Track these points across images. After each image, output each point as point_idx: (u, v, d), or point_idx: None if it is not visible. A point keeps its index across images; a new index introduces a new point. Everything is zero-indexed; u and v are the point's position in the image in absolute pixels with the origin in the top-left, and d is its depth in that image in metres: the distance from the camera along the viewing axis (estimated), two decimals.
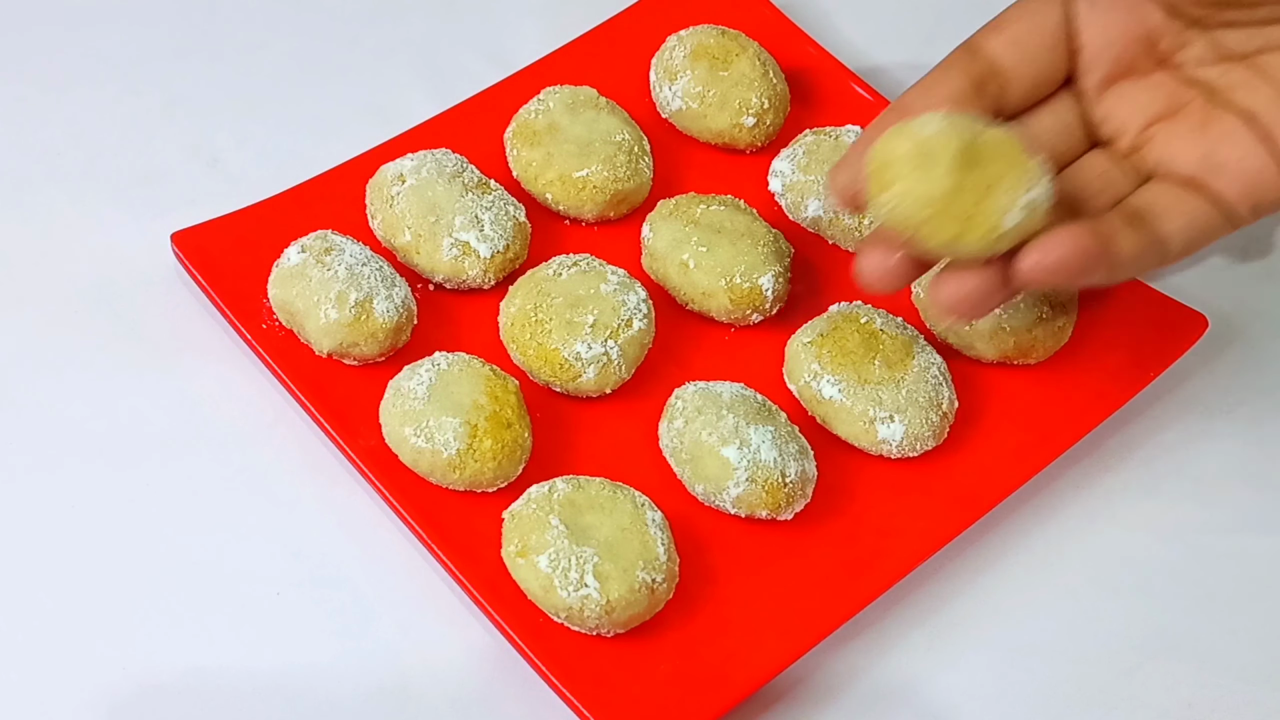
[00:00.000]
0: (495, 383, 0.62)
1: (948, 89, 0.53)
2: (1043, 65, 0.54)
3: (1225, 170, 0.52)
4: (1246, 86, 0.53)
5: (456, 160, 0.68)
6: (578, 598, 0.57)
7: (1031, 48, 0.54)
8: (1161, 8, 0.54)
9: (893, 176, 0.49)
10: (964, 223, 0.49)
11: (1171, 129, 0.54)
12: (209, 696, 0.58)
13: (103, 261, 0.69)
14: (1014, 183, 0.49)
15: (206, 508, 0.63)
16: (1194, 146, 0.53)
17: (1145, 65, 0.55)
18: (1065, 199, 0.54)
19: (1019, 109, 0.55)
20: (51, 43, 0.78)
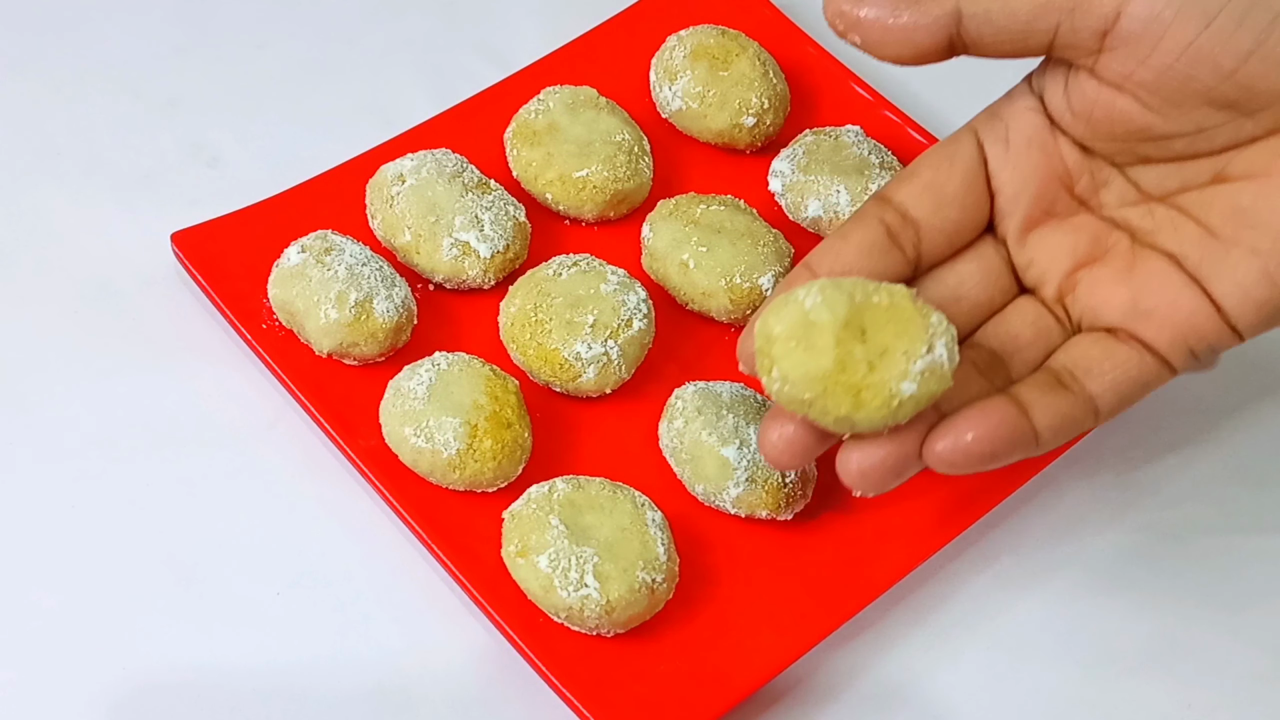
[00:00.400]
0: (495, 383, 0.62)
1: (860, 242, 0.50)
2: (957, 212, 0.51)
3: (1154, 316, 0.50)
4: (1170, 227, 0.50)
5: (456, 160, 0.68)
6: (578, 598, 0.57)
7: (944, 195, 0.51)
8: (1075, 147, 0.51)
9: (775, 355, 0.46)
10: (856, 396, 0.46)
11: (1096, 274, 0.51)
12: (209, 696, 0.58)
13: (102, 261, 0.69)
14: (909, 346, 0.46)
15: (206, 507, 0.63)
16: (1120, 292, 0.50)
17: (1065, 207, 0.52)
18: (995, 353, 0.52)
19: (940, 258, 0.52)
20: (51, 42, 0.78)
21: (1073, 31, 0.48)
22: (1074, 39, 0.48)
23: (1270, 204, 0.48)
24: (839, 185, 0.69)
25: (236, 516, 0.63)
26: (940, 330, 0.47)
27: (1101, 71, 0.48)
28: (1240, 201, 0.48)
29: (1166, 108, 0.48)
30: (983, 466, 0.48)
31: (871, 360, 0.46)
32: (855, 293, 0.46)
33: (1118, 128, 0.50)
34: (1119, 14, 0.47)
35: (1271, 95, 0.47)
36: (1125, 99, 0.49)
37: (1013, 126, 0.51)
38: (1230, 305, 0.48)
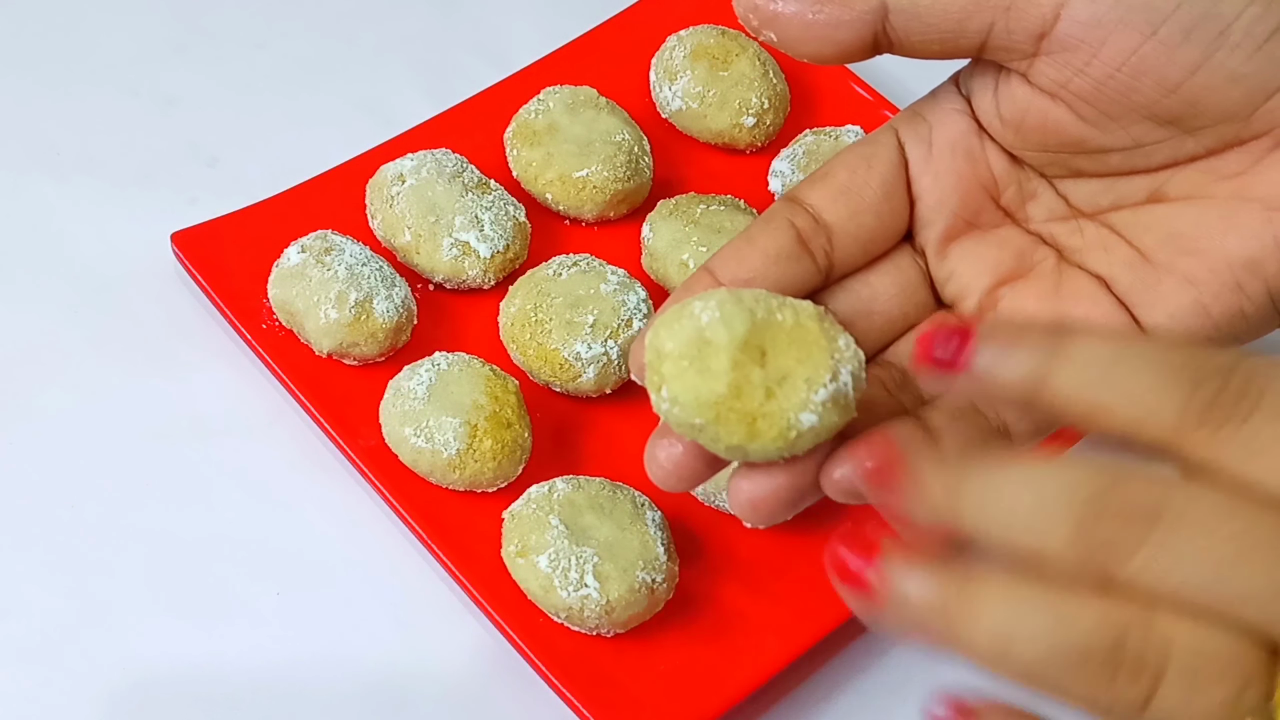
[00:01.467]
0: (495, 383, 0.62)
1: (767, 247, 0.45)
2: (873, 219, 0.47)
3: None
4: (1101, 248, 0.47)
5: (456, 160, 0.68)
6: (577, 598, 0.57)
7: (861, 200, 0.46)
8: (1003, 155, 0.47)
9: (665, 374, 0.42)
10: (750, 426, 0.42)
11: (1020, 292, 0.47)
12: (209, 696, 0.58)
13: (102, 261, 0.69)
14: (812, 372, 0.42)
15: (206, 507, 0.63)
16: (1043, 314, 0.46)
17: (990, 219, 0.48)
18: (907, 371, 0.47)
19: (853, 267, 0.47)
20: (51, 42, 0.78)
21: (1007, 33, 0.44)
22: (1008, 40, 0.44)
23: (1208, 230, 0.44)
24: None
25: (236, 516, 0.63)
26: (847, 356, 0.43)
27: (1035, 78, 0.45)
28: (1177, 225, 0.45)
29: (1104, 120, 0.44)
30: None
31: (770, 386, 0.42)
32: (756, 309, 0.42)
33: (1050, 138, 0.46)
34: (1058, 16, 0.43)
35: (1216, 113, 0.43)
36: (1059, 108, 0.45)
37: (936, 129, 0.47)
38: (1161, 333, 0.45)
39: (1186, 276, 0.45)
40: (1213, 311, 0.45)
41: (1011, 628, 0.34)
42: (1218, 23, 0.42)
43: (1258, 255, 0.44)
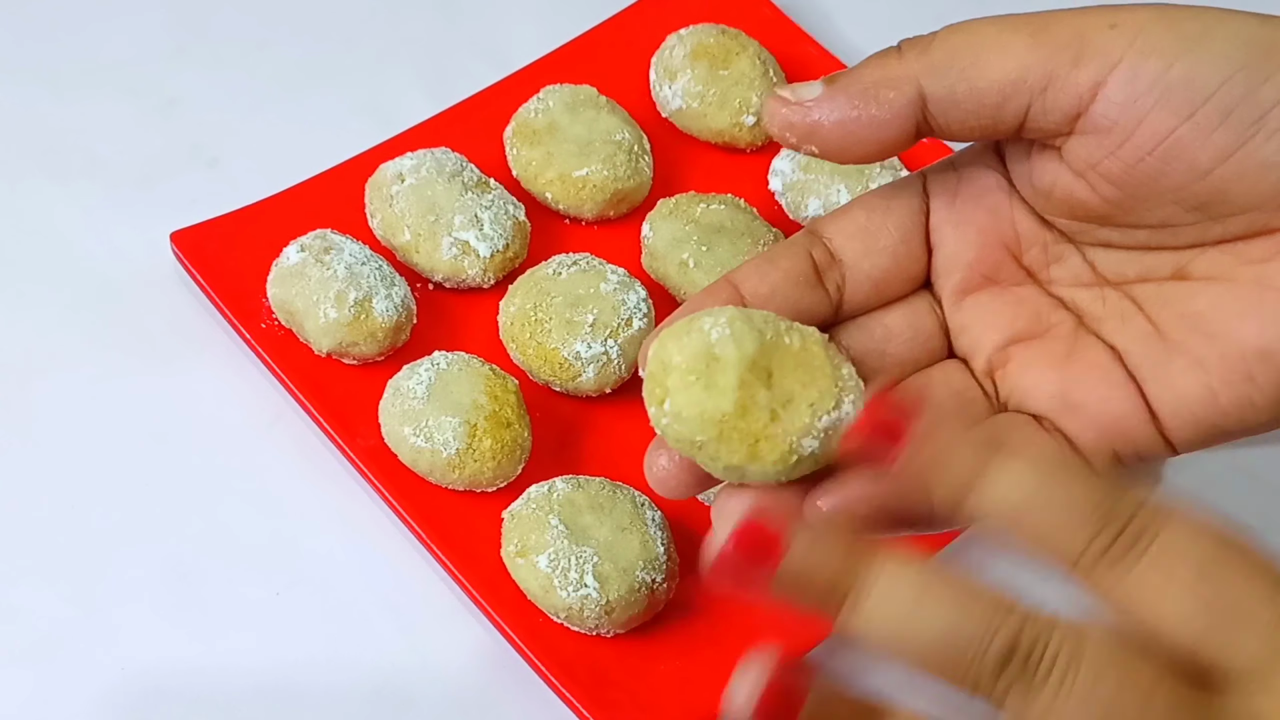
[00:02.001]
0: (495, 382, 0.62)
1: (788, 270, 0.45)
2: (888, 261, 0.47)
3: (1082, 412, 0.45)
4: (1119, 318, 0.46)
5: (456, 159, 0.68)
6: (577, 598, 0.57)
7: (876, 241, 0.46)
8: (1031, 215, 0.47)
9: (671, 387, 0.41)
10: (752, 447, 0.41)
11: (1030, 354, 0.47)
12: (209, 696, 0.58)
13: (102, 261, 0.69)
14: (817, 398, 0.42)
15: (205, 507, 0.63)
16: (1051, 379, 0.46)
17: (1010, 275, 0.47)
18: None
19: (864, 305, 0.47)
20: (51, 43, 0.77)
21: (1044, 113, 0.43)
22: (1044, 121, 0.44)
23: (1226, 314, 0.44)
24: (839, 185, 0.69)
25: (236, 516, 0.62)
26: (850, 385, 0.43)
27: (1067, 155, 0.44)
28: (1196, 305, 0.45)
29: (1130, 202, 0.44)
30: (867, 534, 0.43)
31: (775, 409, 0.41)
32: (766, 329, 0.42)
33: (1077, 211, 0.46)
34: (1095, 95, 0.42)
35: (1245, 202, 0.43)
36: (1087, 187, 0.45)
37: (965, 180, 0.47)
38: (1166, 415, 0.45)
39: (1198, 359, 0.44)
40: (1221, 399, 0.44)
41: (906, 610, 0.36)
42: (1256, 108, 0.42)
43: (1273, 346, 0.43)
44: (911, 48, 0.45)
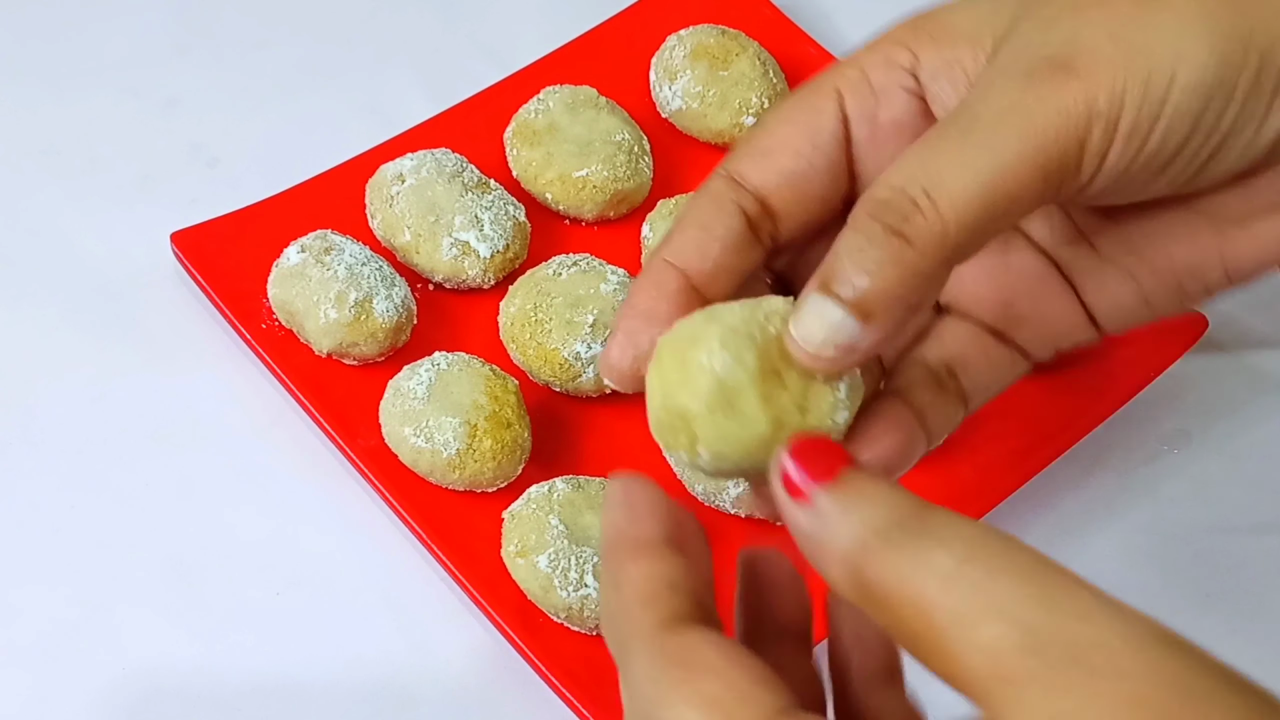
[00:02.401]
0: (495, 382, 0.62)
1: (725, 238, 0.43)
2: (819, 205, 0.44)
3: (1027, 323, 0.45)
4: (1044, 218, 0.45)
5: (456, 160, 0.68)
6: (577, 598, 0.57)
7: (808, 190, 0.44)
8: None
9: (699, 434, 0.40)
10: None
11: (968, 266, 0.43)
12: (209, 696, 0.58)
13: (102, 261, 0.69)
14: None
15: (206, 508, 0.63)
16: (994, 290, 0.45)
17: None
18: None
19: (791, 245, 0.45)
20: (52, 43, 0.77)
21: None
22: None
23: (1156, 236, 0.44)
24: None
25: (236, 516, 0.63)
26: None
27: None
28: (1124, 223, 0.44)
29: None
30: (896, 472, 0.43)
31: (800, 403, 0.40)
32: (752, 330, 0.40)
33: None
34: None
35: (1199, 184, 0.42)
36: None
37: (883, 104, 0.44)
38: (1102, 316, 0.45)
39: (1130, 273, 0.45)
40: (1154, 304, 0.45)
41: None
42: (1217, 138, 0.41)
43: (1200, 264, 0.44)
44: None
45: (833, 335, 0.38)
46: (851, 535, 0.34)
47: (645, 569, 0.36)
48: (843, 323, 0.38)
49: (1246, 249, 0.44)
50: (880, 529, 0.33)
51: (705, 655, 0.34)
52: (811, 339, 0.38)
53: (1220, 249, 0.44)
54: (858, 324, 0.38)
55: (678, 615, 0.35)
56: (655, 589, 0.36)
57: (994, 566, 0.32)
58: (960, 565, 0.32)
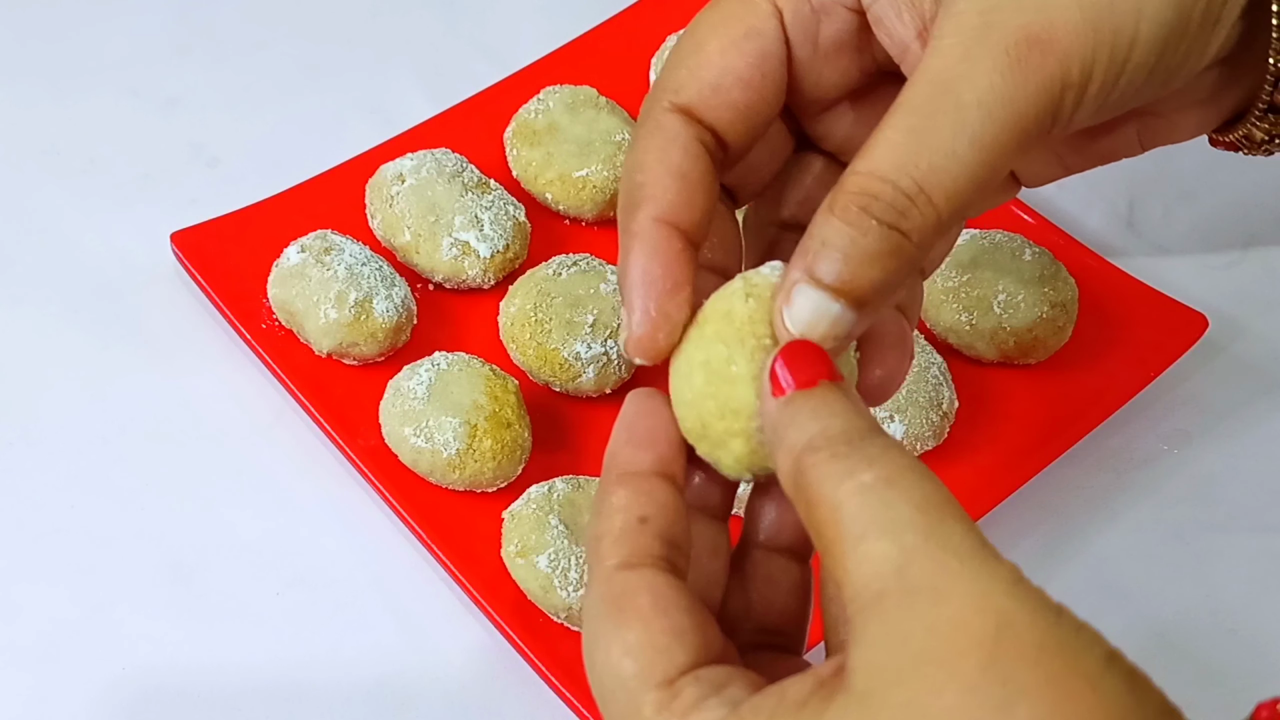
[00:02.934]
0: (495, 382, 0.62)
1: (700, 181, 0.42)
2: (765, 125, 0.43)
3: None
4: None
5: (456, 160, 0.68)
6: (577, 598, 0.57)
7: (757, 119, 0.43)
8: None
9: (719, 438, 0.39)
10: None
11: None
12: (209, 696, 0.58)
13: (102, 261, 0.69)
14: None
15: (206, 507, 0.63)
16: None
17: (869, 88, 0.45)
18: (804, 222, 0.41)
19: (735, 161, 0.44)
20: (52, 43, 0.78)
21: None
22: None
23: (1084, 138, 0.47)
24: None
25: (236, 516, 0.62)
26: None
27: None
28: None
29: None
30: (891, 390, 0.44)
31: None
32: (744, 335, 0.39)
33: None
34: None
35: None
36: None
37: (824, 22, 0.43)
38: (1023, 174, 0.47)
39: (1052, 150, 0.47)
40: (1071, 167, 0.47)
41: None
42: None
43: (1119, 147, 0.46)
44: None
45: (832, 328, 0.38)
46: (805, 437, 0.36)
47: (624, 499, 0.38)
48: (841, 315, 0.38)
49: (1164, 132, 0.46)
50: (830, 438, 0.35)
51: (640, 601, 0.37)
52: (809, 329, 0.38)
53: (1139, 133, 0.46)
54: (854, 313, 0.38)
55: (636, 552, 0.38)
56: (626, 522, 0.38)
57: (905, 493, 0.34)
58: (877, 484, 0.34)
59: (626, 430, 0.39)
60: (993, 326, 0.65)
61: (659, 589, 0.37)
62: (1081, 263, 0.70)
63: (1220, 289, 0.71)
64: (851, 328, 0.38)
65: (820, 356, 0.37)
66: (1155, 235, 0.74)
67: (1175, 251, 0.74)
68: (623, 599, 0.37)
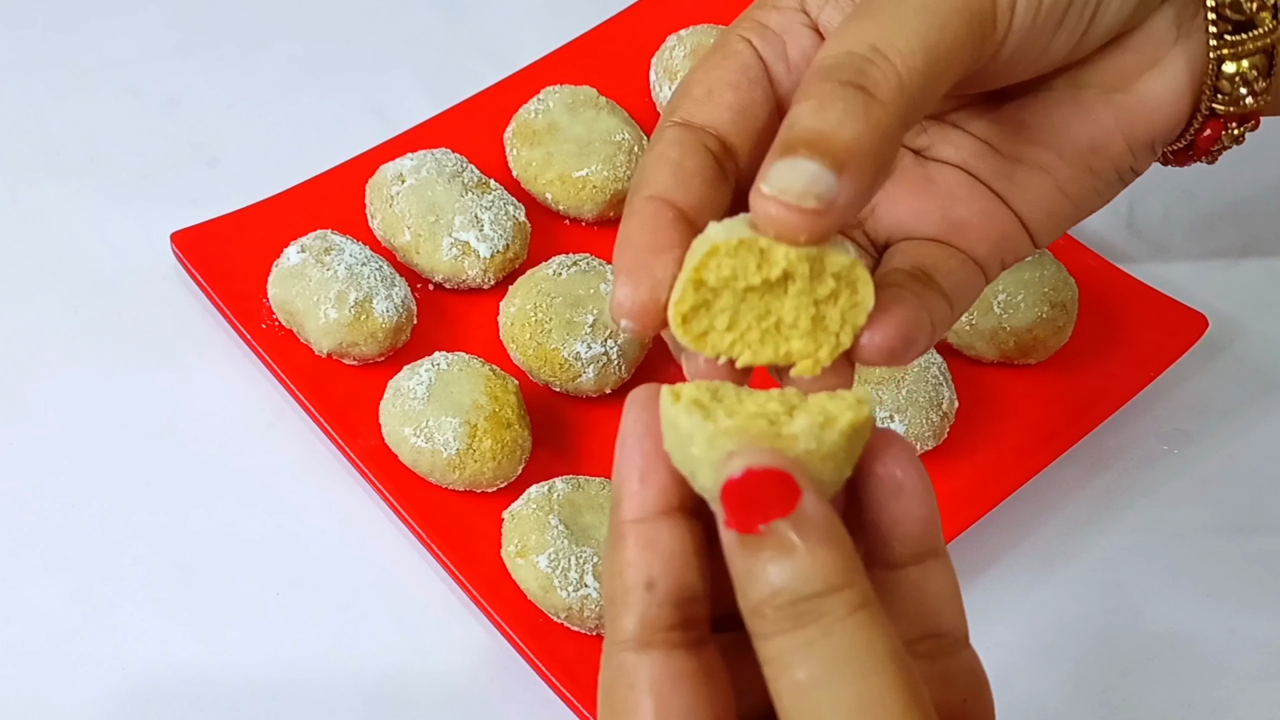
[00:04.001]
0: (495, 382, 0.62)
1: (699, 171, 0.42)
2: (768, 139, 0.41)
3: (969, 229, 0.45)
4: (951, 145, 0.46)
5: (456, 160, 0.68)
6: (577, 598, 0.57)
7: (757, 122, 0.43)
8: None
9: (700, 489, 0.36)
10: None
11: (890, 192, 0.46)
12: (209, 696, 0.58)
13: (102, 261, 0.69)
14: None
15: (205, 507, 0.63)
16: (928, 205, 0.46)
17: None
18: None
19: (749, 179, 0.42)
20: (52, 43, 0.78)
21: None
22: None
23: (1051, 120, 0.45)
24: None
25: (236, 516, 0.62)
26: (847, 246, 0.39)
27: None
28: (1021, 118, 0.46)
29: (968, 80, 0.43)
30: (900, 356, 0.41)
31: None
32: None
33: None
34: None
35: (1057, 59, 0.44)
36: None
37: (790, 41, 0.44)
38: (1029, 216, 0.46)
39: (1039, 165, 0.46)
40: (1070, 193, 0.46)
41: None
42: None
43: (1100, 139, 0.45)
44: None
45: (811, 185, 0.37)
46: (755, 594, 0.34)
47: (632, 556, 0.36)
48: (819, 174, 0.37)
49: (1138, 109, 0.45)
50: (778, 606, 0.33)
51: (644, 706, 0.35)
52: (791, 189, 0.37)
53: (1115, 118, 0.45)
54: (833, 175, 0.37)
55: (646, 628, 0.36)
56: (634, 587, 0.36)
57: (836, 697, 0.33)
58: (811, 684, 0.33)
59: (628, 456, 0.37)
60: (993, 326, 0.65)
61: (663, 689, 0.35)
62: (1082, 263, 0.70)
63: (1220, 289, 0.71)
64: (834, 193, 0.37)
65: (778, 486, 0.34)
66: (1155, 236, 0.74)
67: (1175, 252, 0.74)
68: (629, 699, 0.35)
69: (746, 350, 0.39)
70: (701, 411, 0.36)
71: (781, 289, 0.39)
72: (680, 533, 0.37)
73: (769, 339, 0.39)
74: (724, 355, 0.39)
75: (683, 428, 0.36)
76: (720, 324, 0.39)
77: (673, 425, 0.36)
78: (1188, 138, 0.46)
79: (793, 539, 0.34)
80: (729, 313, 0.39)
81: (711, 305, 0.39)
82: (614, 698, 0.36)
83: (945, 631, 0.39)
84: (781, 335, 0.39)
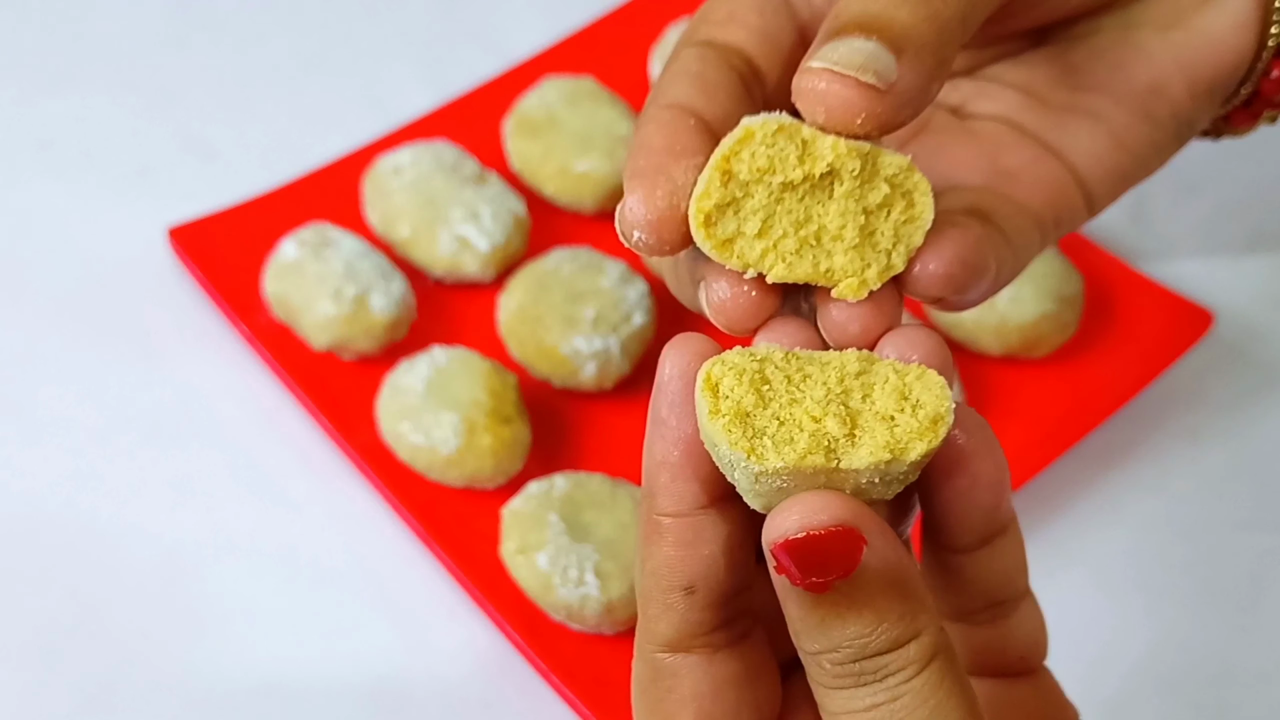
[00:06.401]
0: (494, 378, 0.62)
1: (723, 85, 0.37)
2: (794, 63, 0.38)
3: (1021, 177, 0.41)
4: (989, 98, 0.43)
5: (455, 152, 0.68)
6: (577, 596, 0.57)
7: (782, 45, 0.39)
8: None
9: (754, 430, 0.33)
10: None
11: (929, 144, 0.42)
12: (207, 695, 0.58)
13: (99, 256, 0.69)
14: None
15: (203, 504, 0.62)
16: (972, 153, 0.42)
17: None
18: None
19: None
20: (47, 37, 0.77)
21: None
22: None
23: (1105, 62, 0.41)
24: None
25: (233, 513, 0.62)
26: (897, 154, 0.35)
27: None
28: (1071, 62, 0.42)
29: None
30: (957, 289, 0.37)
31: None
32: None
33: None
34: None
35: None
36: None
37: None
38: (1085, 173, 0.41)
39: (1093, 112, 0.41)
40: (1127, 143, 0.42)
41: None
42: None
43: (1158, 79, 0.41)
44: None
45: (870, 61, 0.32)
46: (814, 646, 0.32)
47: (669, 559, 0.34)
48: (877, 51, 0.33)
49: (1198, 47, 0.41)
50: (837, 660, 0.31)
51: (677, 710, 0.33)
52: (848, 61, 0.32)
53: (1174, 57, 0.41)
54: (892, 57, 0.33)
55: (684, 633, 0.34)
56: (670, 590, 0.34)
57: None
58: None
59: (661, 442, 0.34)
60: (997, 321, 0.65)
61: (704, 701, 0.33)
62: (1087, 258, 0.69)
63: (1226, 285, 0.71)
64: (892, 75, 0.32)
65: (838, 545, 0.31)
66: (1161, 230, 0.74)
67: (1181, 247, 0.73)
68: (658, 689, 0.34)
69: (780, 263, 0.34)
70: (744, 434, 0.32)
71: (825, 190, 0.34)
72: (721, 530, 0.34)
73: (807, 251, 0.34)
74: (753, 269, 0.34)
75: (722, 453, 0.32)
76: (750, 229, 0.33)
77: (711, 442, 0.32)
78: (1252, 82, 0.42)
79: (855, 598, 0.31)
80: (761, 215, 0.33)
81: (741, 205, 0.33)
82: (650, 700, 0.34)
83: (1009, 597, 0.37)
84: (822, 248, 0.34)
